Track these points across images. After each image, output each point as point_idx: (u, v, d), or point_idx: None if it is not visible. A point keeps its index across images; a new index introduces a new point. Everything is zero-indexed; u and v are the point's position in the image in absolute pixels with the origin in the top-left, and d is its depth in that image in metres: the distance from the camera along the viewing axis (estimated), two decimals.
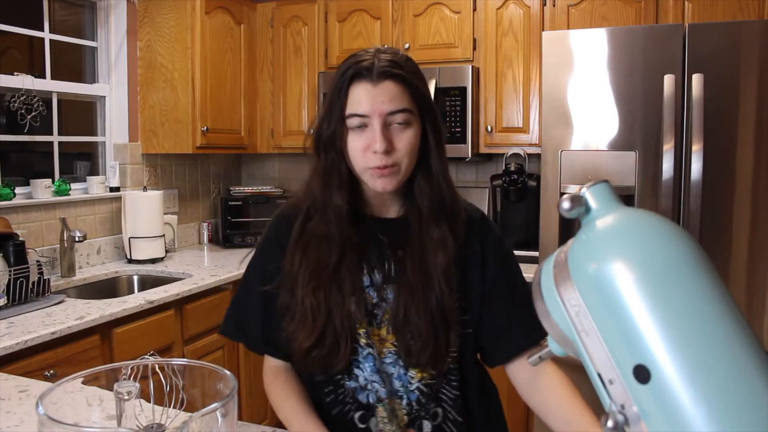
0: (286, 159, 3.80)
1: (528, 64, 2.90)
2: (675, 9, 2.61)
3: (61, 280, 2.54)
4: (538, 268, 0.63)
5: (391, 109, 1.01)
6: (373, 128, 1.01)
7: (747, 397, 0.45)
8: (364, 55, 1.05)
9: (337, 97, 1.04)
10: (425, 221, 1.08)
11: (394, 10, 3.11)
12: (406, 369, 1.08)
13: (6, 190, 2.45)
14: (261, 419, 2.83)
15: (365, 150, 1.02)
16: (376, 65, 1.02)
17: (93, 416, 0.92)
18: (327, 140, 1.06)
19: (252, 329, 1.17)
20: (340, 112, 1.03)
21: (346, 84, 1.03)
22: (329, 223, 1.07)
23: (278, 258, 1.11)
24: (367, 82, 1.02)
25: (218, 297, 2.63)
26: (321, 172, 1.09)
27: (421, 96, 1.06)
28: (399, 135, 1.03)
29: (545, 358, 0.69)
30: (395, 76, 1.02)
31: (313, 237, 1.09)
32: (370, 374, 1.08)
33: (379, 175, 1.03)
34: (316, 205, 1.09)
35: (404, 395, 1.08)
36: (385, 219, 1.14)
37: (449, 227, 1.08)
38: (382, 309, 1.08)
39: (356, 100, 1.02)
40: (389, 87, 1.02)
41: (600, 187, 0.56)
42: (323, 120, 1.07)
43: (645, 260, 0.50)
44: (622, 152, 2.35)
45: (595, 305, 0.52)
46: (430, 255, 1.07)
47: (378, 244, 1.11)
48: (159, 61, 3.03)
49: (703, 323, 0.47)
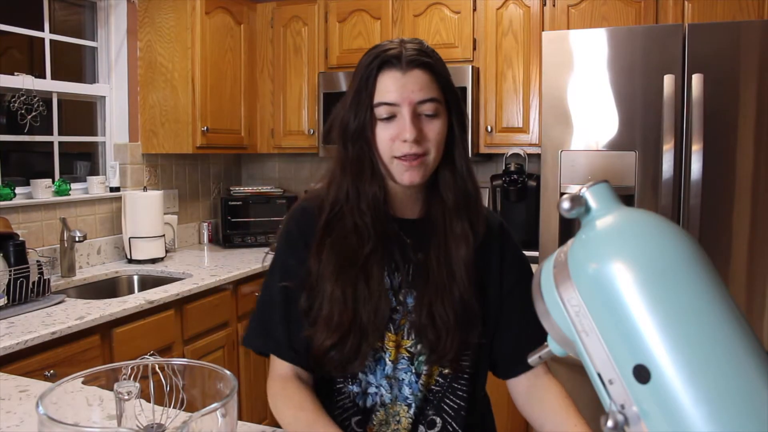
0: (286, 159, 3.80)
1: (528, 64, 2.90)
2: (675, 9, 2.61)
3: (62, 280, 2.54)
4: (538, 268, 0.63)
5: (420, 98, 0.99)
6: (403, 117, 0.99)
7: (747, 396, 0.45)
8: (389, 44, 1.03)
9: (365, 87, 1.01)
10: (449, 216, 1.06)
11: (394, 10, 3.11)
12: (418, 376, 1.06)
13: (6, 190, 2.45)
14: (261, 419, 2.83)
15: (394, 139, 1.00)
16: (404, 54, 1.00)
17: (93, 416, 0.92)
18: (355, 131, 1.03)
19: (278, 332, 1.08)
20: (369, 101, 1.01)
21: (374, 72, 1.00)
22: (363, 214, 1.04)
23: (301, 253, 1.07)
24: (396, 70, 0.99)
25: (218, 297, 2.63)
26: (351, 163, 1.05)
27: (449, 87, 1.04)
28: (428, 125, 1.01)
29: (545, 358, 0.69)
30: (424, 65, 1.00)
31: (342, 231, 1.05)
32: (378, 379, 1.06)
33: (407, 167, 1.01)
34: (349, 197, 1.05)
35: (412, 402, 1.06)
36: (406, 220, 1.11)
37: (470, 223, 1.07)
38: (399, 313, 1.06)
39: (385, 88, 1.00)
40: (418, 75, 1.00)
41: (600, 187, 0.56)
42: (349, 110, 1.03)
43: (645, 260, 0.50)
44: (622, 152, 2.35)
45: (595, 305, 0.52)
46: (453, 249, 1.05)
47: (402, 245, 1.08)
48: (159, 61, 3.03)
49: (703, 323, 0.47)
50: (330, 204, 1.07)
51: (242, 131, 3.33)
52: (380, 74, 1.00)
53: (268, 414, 2.90)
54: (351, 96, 1.04)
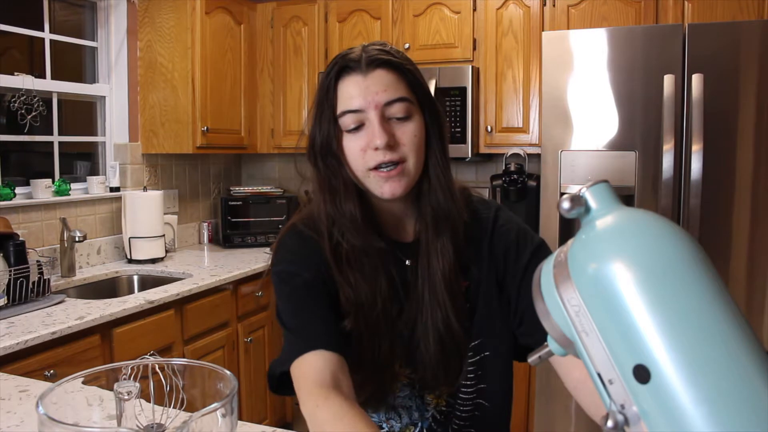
0: (286, 159, 3.80)
1: (528, 64, 2.90)
2: (675, 9, 2.61)
3: (62, 280, 2.54)
4: (538, 268, 0.63)
5: (387, 99, 0.90)
6: (371, 123, 0.90)
7: (747, 396, 0.45)
8: (350, 50, 0.95)
9: (326, 97, 0.93)
10: (430, 232, 0.97)
11: (394, 11, 3.11)
12: (422, 397, 1.01)
13: (6, 190, 2.45)
14: (261, 419, 2.83)
15: (365, 149, 0.91)
16: (364, 56, 0.92)
17: (93, 416, 0.92)
18: (322, 147, 0.94)
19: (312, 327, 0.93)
20: (331, 113, 0.93)
21: (334, 80, 0.93)
22: (360, 233, 0.96)
23: (312, 268, 0.96)
24: (357, 73, 0.91)
25: (218, 297, 2.63)
26: (323, 183, 0.96)
27: (418, 84, 0.95)
28: (400, 129, 0.92)
29: (545, 358, 0.69)
30: (386, 63, 0.92)
31: (353, 257, 0.96)
32: (385, 414, 1.02)
33: (385, 177, 0.91)
34: (334, 219, 0.97)
35: (419, 422, 1.02)
36: (402, 243, 1.01)
37: (453, 237, 0.97)
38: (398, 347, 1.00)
39: (347, 95, 0.91)
40: (382, 75, 0.91)
41: (600, 187, 0.56)
42: (314, 125, 0.95)
43: (645, 260, 0.50)
44: (622, 152, 2.35)
45: (595, 305, 0.52)
46: (437, 272, 0.96)
47: (401, 268, 1.00)
48: (159, 61, 3.03)
49: (703, 323, 0.47)
50: (326, 229, 0.98)
51: (242, 131, 3.33)
52: (340, 81, 0.93)
53: (269, 414, 2.91)
54: (314, 109, 0.96)
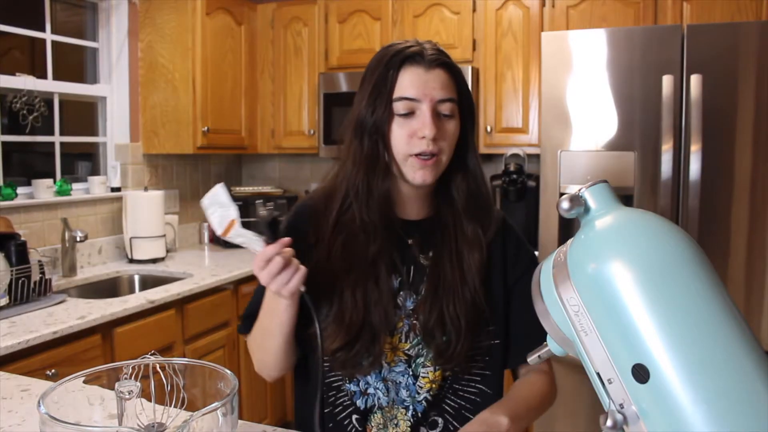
0: (287, 159, 3.80)
1: (527, 64, 2.90)
2: (673, 10, 2.61)
3: (63, 279, 2.54)
4: (537, 268, 0.63)
5: (441, 97, 1.00)
6: (423, 113, 0.99)
7: (745, 396, 0.45)
8: (406, 43, 1.03)
9: (384, 82, 1.01)
10: (459, 218, 1.07)
11: (394, 11, 3.11)
12: (416, 377, 1.06)
13: (8, 190, 2.45)
14: (261, 418, 2.83)
15: (411, 136, 1.00)
16: (426, 52, 1.01)
17: (94, 415, 0.92)
18: (372, 126, 1.02)
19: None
20: (388, 96, 1.01)
21: (396, 67, 1.00)
22: (371, 211, 1.03)
23: (304, 251, 1.02)
24: (419, 66, 1.00)
25: (219, 297, 2.63)
26: (365, 158, 1.03)
27: (465, 90, 1.05)
28: (445, 125, 1.01)
29: (545, 357, 0.69)
30: (446, 65, 1.02)
31: (353, 229, 1.04)
32: (374, 380, 1.06)
33: (421, 165, 1.01)
34: (359, 193, 1.04)
35: (410, 405, 1.06)
36: (409, 221, 1.10)
37: (482, 226, 1.07)
38: (397, 316, 1.05)
39: (407, 83, 1.00)
40: (440, 75, 1.01)
41: (599, 187, 0.57)
42: (366, 105, 1.02)
43: (643, 260, 0.50)
44: (621, 152, 2.35)
45: (594, 305, 0.52)
46: (465, 253, 1.06)
47: (403, 246, 1.08)
48: (160, 61, 3.03)
49: (702, 323, 0.48)
50: (341, 198, 1.06)
51: (243, 131, 3.33)
52: (402, 70, 1.01)
53: (269, 413, 2.91)
54: (368, 91, 1.03)
